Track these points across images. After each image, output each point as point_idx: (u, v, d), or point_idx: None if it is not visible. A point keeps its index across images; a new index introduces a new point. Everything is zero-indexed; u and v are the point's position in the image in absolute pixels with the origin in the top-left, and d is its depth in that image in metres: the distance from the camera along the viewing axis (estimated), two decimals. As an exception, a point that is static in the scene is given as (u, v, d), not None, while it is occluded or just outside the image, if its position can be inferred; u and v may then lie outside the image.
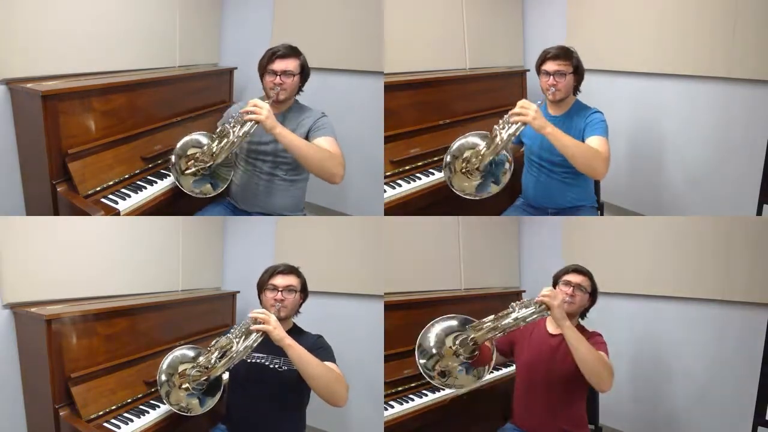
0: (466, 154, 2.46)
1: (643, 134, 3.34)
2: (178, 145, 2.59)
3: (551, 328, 2.38)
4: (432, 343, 2.21)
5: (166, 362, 2.27)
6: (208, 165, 2.54)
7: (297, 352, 2.15)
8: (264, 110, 2.31)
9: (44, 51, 2.58)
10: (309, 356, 2.17)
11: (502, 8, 3.75)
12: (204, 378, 2.23)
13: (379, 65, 3.12)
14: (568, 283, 2.35)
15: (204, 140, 2.59)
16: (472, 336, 2.19)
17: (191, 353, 2.29)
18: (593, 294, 2.39)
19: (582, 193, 2.68)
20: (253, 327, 2.15)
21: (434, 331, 2.23)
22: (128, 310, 2.69)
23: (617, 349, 3.10)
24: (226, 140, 2.46)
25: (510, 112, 2.35)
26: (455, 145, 2.48)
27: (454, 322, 2.23)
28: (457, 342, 2.20)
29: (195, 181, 2.57)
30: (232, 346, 2.18)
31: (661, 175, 3.30)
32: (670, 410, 3.07)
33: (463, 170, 2.46)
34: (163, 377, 2.25)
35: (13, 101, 2.47)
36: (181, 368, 2.26)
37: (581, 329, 2.38)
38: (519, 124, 2.34)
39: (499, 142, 2.37)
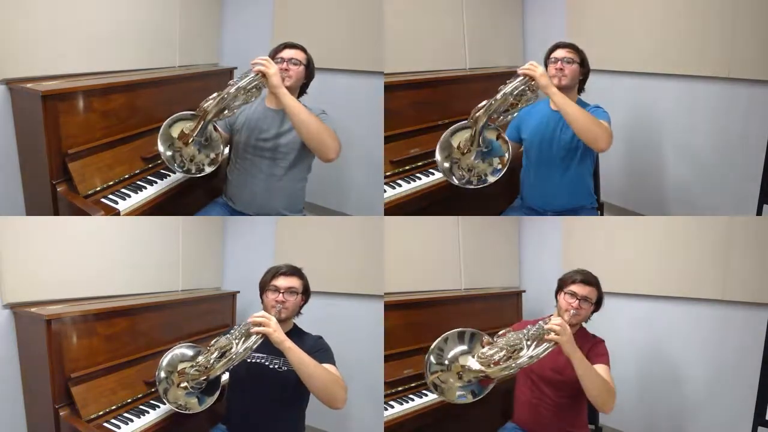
0: (456, 141, 2.44)
1: (642, 134, 3.34)
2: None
3: None
4: (450, 354, 2.18)
5: (165, 360, 2.26)
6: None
7: (296, 354, 2.15)
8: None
9: (44, 51, 2.58)
10: (308, 359, 2.17)
11: (502, 8, 3.75)
12: (203, 378, 2.23)
13: (379, 65, 3.12)
14: (574, 295, 2.30)
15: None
16: (482, 369, 2.14)
17: (191, 352, 2.29)
18: (598, 302, 2.35)
19: (581, 194, 2.67)
20: (253, 330, 2.15)
21: (460, 345, 2.19)
22: (128, 310, 2.69)
23: (617, 349, 3.09)
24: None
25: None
26: (439, 142, 2.45)
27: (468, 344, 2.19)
28: (466, 368, 2.16)
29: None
30: (231, 347, 2.18)
31: (661, 175, 3.30)
32: (670, 410, 3.07)
33: (464, 152, 2.43)
34: (162, 374, 2.24)
35: (13, 101, 2.47)
36: (180, 366, 2.26)
37: (584, 334, 2.37)
38: (523, 78, 2.36)
39: (500, 96, 2.37)
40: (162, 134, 2.45)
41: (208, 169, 2.55)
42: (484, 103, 2.41)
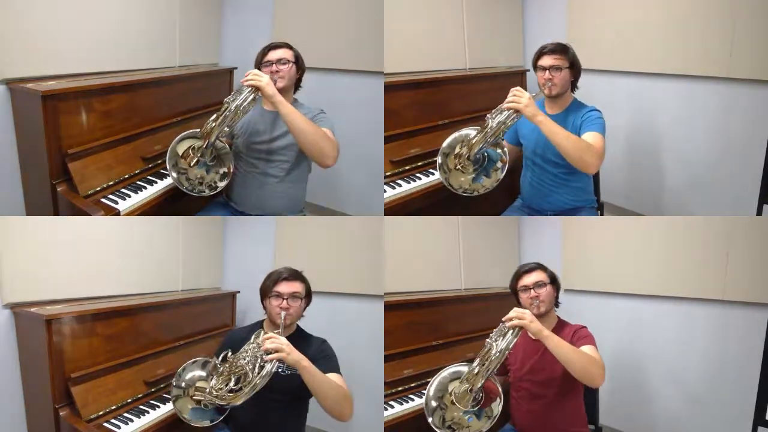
0: (458, 149, 2.44)
1: (642, 134, 3.34)
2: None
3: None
4: (432, 394, 2.20)
5: (187, 375, 2.24)
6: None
7: (310, 373, 2.13)
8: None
9: (44, 51, 2.58)
10: (320, 376, 2.15)
11: (502, 8, 3.76)
12: (222, 404, 2.18)
13: (379, 65, 3.12)
14: (526, 288, 2.34)
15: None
16: (466, 387, 2.17)
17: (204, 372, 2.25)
18: (554, 282, 2.37)
19: (580, 194, 2.67)
20: (267, 357, 2.10)
21: (434, 385, 2.21)
22: (128, 310, 2.69)
23: (617, 349, 3.09)
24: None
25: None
26: (446, 142, 2.47)
27: (447, 372, 2.22)
28: (456, 395, 2.18)
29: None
30: (248, 376, 2.12)
31: (661, 175, 3.30)
32: (670, 410, 3.07)
33: (457, 167, 2.43)
34: (183, 384, 2.22)
35: (13, 101, 2.47)
36: (199, 384, 2.23)
37: (563, 325, 2.38)
38: (510, 111, 2.33)
39: (489, 129, 2.35)
40: (170, 155, 2.47)
41: (221, 185, 2.55)
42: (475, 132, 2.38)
